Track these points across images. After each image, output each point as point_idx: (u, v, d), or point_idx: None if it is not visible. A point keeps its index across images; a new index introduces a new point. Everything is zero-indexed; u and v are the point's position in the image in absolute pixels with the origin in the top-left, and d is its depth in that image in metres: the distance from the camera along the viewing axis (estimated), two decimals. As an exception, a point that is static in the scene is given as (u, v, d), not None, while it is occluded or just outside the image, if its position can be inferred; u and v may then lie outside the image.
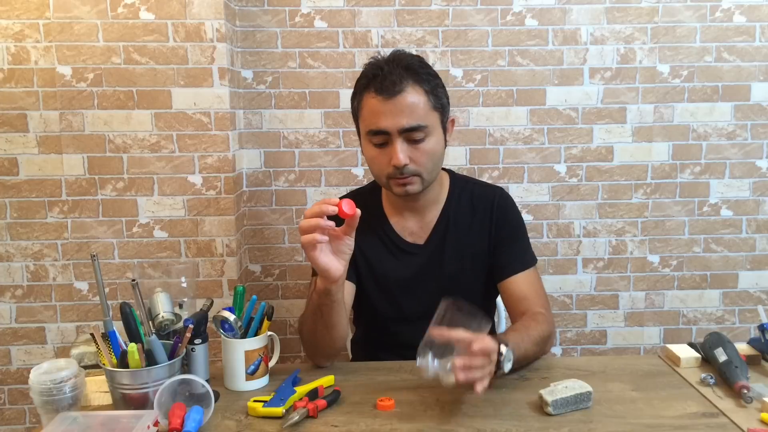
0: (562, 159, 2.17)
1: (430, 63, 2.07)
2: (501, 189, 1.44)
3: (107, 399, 1.08)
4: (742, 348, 1.25)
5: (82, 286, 1.98)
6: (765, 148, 2.19)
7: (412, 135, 1.22)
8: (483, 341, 0.98)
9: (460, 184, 1.43)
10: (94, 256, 1.04)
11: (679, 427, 0.99)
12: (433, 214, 1.39)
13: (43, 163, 1.92)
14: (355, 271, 1.40)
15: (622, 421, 1.01)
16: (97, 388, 1.13)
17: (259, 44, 2.09)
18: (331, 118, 2.13)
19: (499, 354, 1.05)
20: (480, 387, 0.96)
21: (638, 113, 2.16)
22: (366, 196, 1.42)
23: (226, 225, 1.96)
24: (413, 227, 1.39)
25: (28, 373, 1.03)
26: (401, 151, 1.22)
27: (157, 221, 1.95)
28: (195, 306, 1.21)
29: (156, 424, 0.95)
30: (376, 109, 1.22)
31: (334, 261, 1.12)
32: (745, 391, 1.05)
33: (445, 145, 1.32)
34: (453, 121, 1.35)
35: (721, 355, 1.15)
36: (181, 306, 1.18)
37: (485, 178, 2.18)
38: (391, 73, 1.21)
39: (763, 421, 0.99)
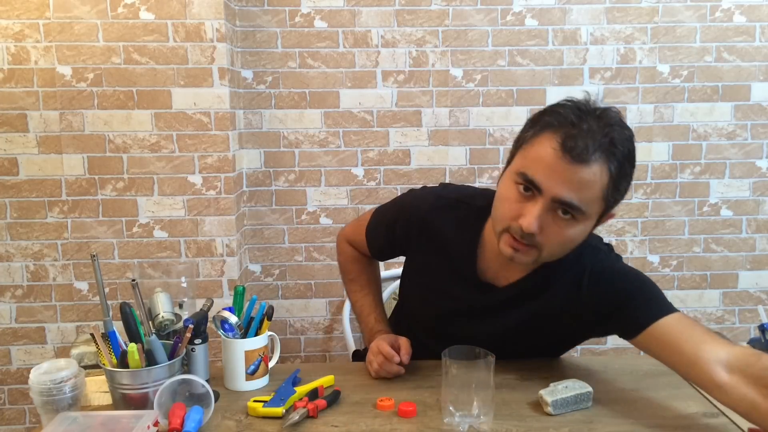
0: (562, 159, 2.17)
1: (430, 63, 2.10)
2: (598, 254, 1.17)
3: (107, 399, 1.08)
4: (743, 348, 1.24)
5: (82, 286, 1.98)
6: (765, 148, 2.19)
7: (562, 209, 1.02)
8: None
9: (583, 256, 1.17)
10: (94, 256, 1.04)
11: (679, 427, 0.99)
12: (529, 269, 1.18)
13: (43, 163, 1.92)
14: (391, 256, 1.38)
15: (622, 421, 1.01)
16: (97, 388, 1.13)
17: (259, 44, 2.09)
18: (331, 118, 2.13)
19: None
20: None
21: (638, 113, 2.16)
22: (470, 214, 1.23)
23: (226, 225, 1.96)
24: (500, 271, 1.20)
25: (28, 373, 1.03)
26: (537, 218, 1.01)
27: (157, 221, 1.95)
28: (195, 306, 1.21)
29: (156, 424, 0.95)
30: (546, 161, 1.01)
31: None
32: (746, 391, 1.04)
33: (588, 235, 1.10)
34: (612, 215, 1.11)
35: (721, 355, 1.14)
36: (181, 306, 1.18)
37: (485, 178, 2.18)
38: (590, 136, 0.99)
39: (763, 421, 0.99)
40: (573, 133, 1.00)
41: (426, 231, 1.24)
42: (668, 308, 1.07)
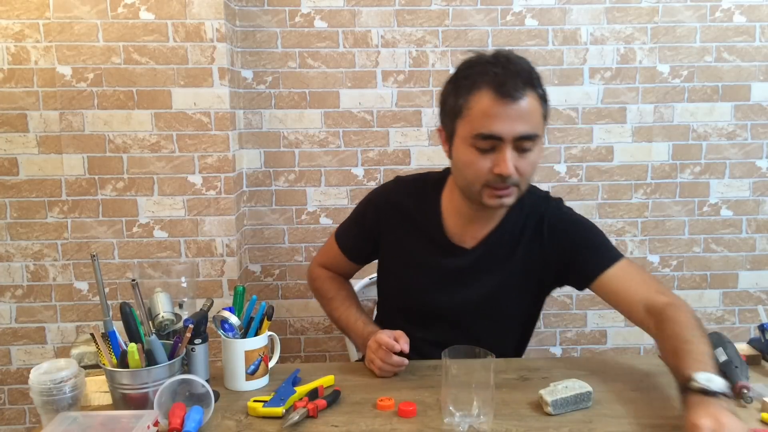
0: (562, 159, 2.17)
1: (430, 63, 2.11)
2: (551, 204, 1.32)
3: (107, 399, 1.08)
4: (742, 348, 1.25)
5: (82, 286, 1.98)
6: (765, 148, 2.19)
7: (523, 144, 1.14)
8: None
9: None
10: (94, 256, 1.04)
11: (679, 427, 0.99)
12: (492, 224, 1.29)
13: (43, 163, 1.92)
14: (371, 256, 1.44)
15: (622, 421, 1.01)
16: (97, 388, 1.13)
17: (259, 44, 2.09)
18: (331, 118, 2.13)
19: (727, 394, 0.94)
20: None
21: (638, 113, 2.16)
22: (427, 187, 1.36)
23: (226, 225, 1.96)
24: (465, 232, 1.30)
25: (28, 373, 1.03)
26: (511, 160, 1.13)
27: (157, 221, 1.95)
28: (195, 306, 1.21)
29: (156, 424, 0.95)
30: (493, 112, 1.12)
31: None
32: (745, 391, 1.05)
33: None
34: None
35: (721, 355, 1.15)
36: (181, 306, 1.18)
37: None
38: (516, 75, 1.12)
39: (763, 421, 0.99)
40: (500, 79, 1.12)
41: (393, 210, 1.36)
42: (616, 255, 1.24)
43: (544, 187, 2.16)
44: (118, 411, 1.02)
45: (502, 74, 1.12)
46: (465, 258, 1.30)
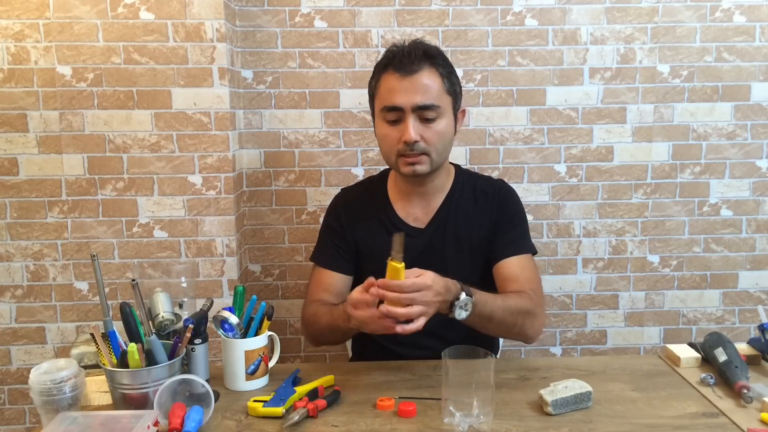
0: (562, 159, 2.17)
1: (430, 63, 2.10)
2: (502, 181, 1.50)
3: (107, 399, 1.08)
4: (742, 348, 1.25)
5: (82, 286, 1.98)
6: (765, 148, 2.19)
7: (424, 113, 1.28)
8: (416, 279, 1.07)
9: (465, 176, 1.49)
10: (94, 256, 1.04)
11: (679, 427, 0.99)
12: (437, 201, 1.43)
13: (43, 163, 1.92)
14: (354, 262, 1.46)
15: (622, 421, 1.01)
16: (97, 388, 1.13)
17: (259, 44, 2.09)
18: (331, 118, 2.13)
19: (456, 300, 1.14)
20: (409, 327, 1.05)
21: (638, 113, 2.16)
22: (374, 183, 1.53)
23: (226, 225, 1.96)
24: (417, 213, 1.43)
25: (28, 373, 1.03)
26: (413, 128, 1.27)
27: (157, 221, 1.95)
28: (195, 306, 1.21)
29: (156, 424, 0.95)
30: (393, 86, 1.28)
31: None
32: (745, 391, 1.05)
33: (455, 132, 1.38)
34: (464, 111, 1.42)
35: (721, 355, 1.15)
36: (181, 306, 1.18)
37: (485, 178, 2.17)
38: (410, 54, 1.29)
39: (763, 421, 0.99)
40: (397, 59, 1.30)
41: (351, 210, 1.48)
42: (526, 247, 1.40)
43: (544, 187, 2.19)
44: (118, 411, 1.02)
45: (399, 55, 1.30)
46: (423, 236, 1.41)
